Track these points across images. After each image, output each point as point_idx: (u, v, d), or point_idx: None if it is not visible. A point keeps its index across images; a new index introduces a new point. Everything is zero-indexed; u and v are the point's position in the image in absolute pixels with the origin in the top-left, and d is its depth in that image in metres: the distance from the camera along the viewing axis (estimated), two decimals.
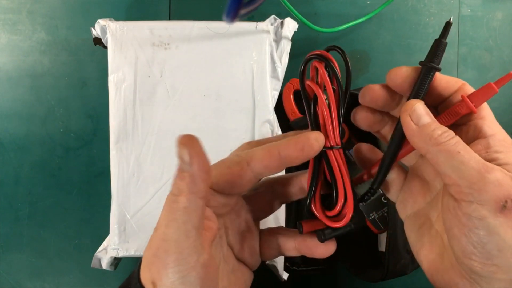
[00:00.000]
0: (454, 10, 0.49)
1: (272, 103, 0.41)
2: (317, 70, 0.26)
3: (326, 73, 0.25)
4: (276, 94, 0.42)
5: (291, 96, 0.43)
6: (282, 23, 0.41)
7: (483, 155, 0.23)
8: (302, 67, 0.26)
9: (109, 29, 0.41)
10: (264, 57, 0.41)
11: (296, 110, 0.43)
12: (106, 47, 0.42)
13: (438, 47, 0.25)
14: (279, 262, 0.43)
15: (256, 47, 0.41)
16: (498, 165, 0.22)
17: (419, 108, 0.24)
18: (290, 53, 0.42)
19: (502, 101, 0.49)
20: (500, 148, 0.23)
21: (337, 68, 0.25)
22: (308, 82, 0.26)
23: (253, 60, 0.41)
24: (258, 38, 0.41)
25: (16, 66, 0.49)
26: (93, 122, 0.49)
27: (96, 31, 0.42)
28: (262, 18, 0.42)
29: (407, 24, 0.49)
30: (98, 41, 0.42)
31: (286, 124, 0.43)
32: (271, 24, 0.41)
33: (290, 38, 0.42)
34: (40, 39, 0.49)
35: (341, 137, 0.34)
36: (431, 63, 0.25)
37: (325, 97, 0.26)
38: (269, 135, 0.41)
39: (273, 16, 0.42)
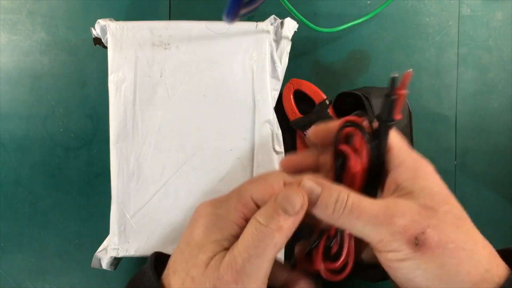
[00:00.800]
0: (454, 10, 0.49)
1: (272, 103, 0.41)
2: (350, 136, 0.25)
3: (364, 144, 0.24)
4: (276, 94, 0.42)
5: (291, 96, 0.43)
6: (282, 23, 0.41)
7: (392, 188, 0.23)
8: (339, 131, 0.26)
9: (109, 29, 0.41)
10: (264, 57, 0.41)
11: (296, 110, 0.43)
12: (106, 47, 0.42)
13: (386, 104, 0.23)
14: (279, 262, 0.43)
15: (256, 47, 0.41)
16: (406, 194, 0.22)
17: (306, 184, 0.23)
18: (290, 53, 0.42)
19: (502, 101, 0.49)
20: (408, 175, 0.23)
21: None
22: (343, 147, 0.25)
23: (253, 60, 0.41)
24: (258, 38, 0.41)
25: (16, 66, 0.49)
26: (93, 122, 0.49)
27: (96, 31, 0.42)
28: (262, 18, 0.42)
29: (407, 24, 0.49)
30: (98, 41, 0.42)
31: (286, 124, 0.43)
32: (271, 24, 0.41)
33: (290, 38, 0.42)
34: (40, 39, 0.49)
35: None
36: (385, 121, 0.23)
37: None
38: (269, 135, 0.41)
39: (273, 16, 0.42)
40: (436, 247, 0.21)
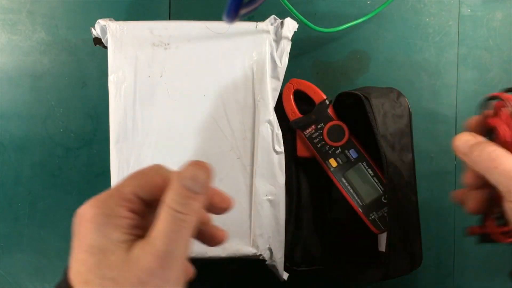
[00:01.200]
0: (454, 10, 0.49)
1: (272, 103, 0.41)
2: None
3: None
4: (276, 94, 0.42)
5: (291, 96, 0.43)
6: (282, 23, 0.42)
7: None
8: (486, 105, 0.30)
9: (109, 29, 0.41)
10: (264, 57, 0.41)
11: (296, 110, 0.43)
12: (106, 47, 0.42)
13: None
14: (279, 262, 0.43)
15: (256, 47, 0.41)
16: None
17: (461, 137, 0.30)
18: (290, 53, 0.42)
19: None
20: None
21: None
22: (492, 120, 0.29)
23: (253, 60, 0.41)
24: (258, 38, 0.41)
25: (16, 66, 0.49)
26: (93, 122, 0.49)
27: (96, 31, 0.42)
28: (262, 18, 0.42)
29: (407, 24, 0.49)
30: (98, 41, 0.42)
31: (286, 124, 0.43)
32: (271, 24, 0.41)
33: (290, 38, 0.42)
34: (40, 39, 0.49)
35: (342, 138, 0.40)
36: None
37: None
38: (269, 135, 0.41)
39: (273, 16, 0.42)
40: None
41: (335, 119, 0.42)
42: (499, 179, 0.26)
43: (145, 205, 0.23)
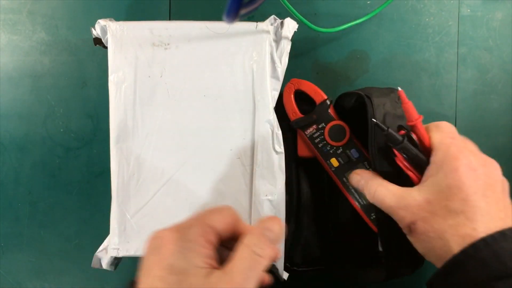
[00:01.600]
0: (454, 10, 0.49)
1: (272, 103, 0.41)
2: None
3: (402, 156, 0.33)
4: (276, 94, 0.42)
5: (292, 96, 0.43)
6: (282, 23, 0.42)
7: (425, 178, 0.31)
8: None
9: (109, 29, 0.41)
10: (264, 57, 0.41)
11: (297, 110, 0.43)
12: (106, 47, 0.42)
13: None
14: (279, 262, 0.43)
15: (256, 47, 0.41)
16: (425, 187, 0.30)
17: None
18: (290, 53, 0.42)
19: (501, 101, 0.49)
20: (432, 172, 0.30)
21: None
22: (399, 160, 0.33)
23: (253, 60, 0.41)
24: (258, 38, 0.41)
25: (16, 66, 0.49)
26: (93, 122, 0.49)
27: (96, 31, 0.42)
28: (262, 18, 0.42)
29: (407, 24, 0.49)
30: (98, 41, 0.42)
31: (286, 124, 0.43)
32: (271, 24, 0.41)
33: (290, 38, 0.42)
34: (40, 39, 0.49)
35: (344, 137, 0.41)
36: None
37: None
38: (269, 135, 0.41)
39: (273, 16, 0.42)
40: (420, 234, 0.29)
41: (336, 119, 0.42)
42: (390, 214, 0.31)
43: (219, 240, 0.27)
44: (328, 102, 0.42)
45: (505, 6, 0.50)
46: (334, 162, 0.41)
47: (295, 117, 0.43)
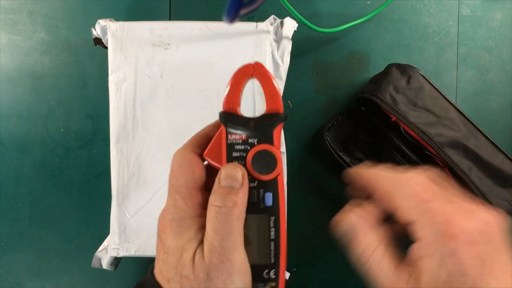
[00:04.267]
0: (454, 10, 0.49)
1: None
2: None
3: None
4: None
5: (244, 83, 0.31)
6: (281, 23, 0.42)
7: (416, 257, 0.24)
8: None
9: (110, 30, 0.41)
10: (264, 57, 0.41)
11: (238, 103, 0.30)
12: (106, 47, 0.42)
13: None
14: None
15: (256, 47, 0.41)
16: (415, 272, 0.24)
17: None
18: (290, 53, 0.42)
19: (501, 101, 0.49)
20: (422, 253, 0.24)
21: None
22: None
23: (254, 60, 0.41)
24: (258, 38, 0.41)
25: (17, 67, 0.49)
26: (93, 122, 0.49)
27: (96, 32, 0.42)
28: (262, 18, 0.42)
29: (406, 24, 0.49)
30: (98, 41, 0.43)
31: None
32: (271, 24, 0.42)
33: (291, 37, 0.42)
34: (41, 40, 0.49)
35: (268, 172, 0.28)
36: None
37: None
38: None
39: (273, 16, 0.42)
40: None
41: (275, 146, 0.29)
42: None
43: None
44: (279, 121, 0.29)
45: (505, 6, 0.50)
46: None
47: (231, 109, 0.29)
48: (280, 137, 0.29)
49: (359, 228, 0.26)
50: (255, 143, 0.28)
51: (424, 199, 0.24)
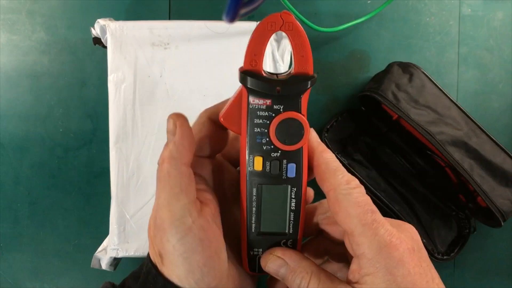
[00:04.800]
0: (455, 9, 0.49)
1: None
2: None
3: None
4: None
5: (270, 36, 0.28)
6: None
7: (356, 277, 0.23)
8: None
9: (109, 29, 0.41)
10: (264, 56, 0.41)
11: (261, 61, 0.26)
12: (105, 47, 0.42)
13: None
14: None
15: None
16: None
17: None
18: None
19: (502, 101, 0.49)
20: (368, 270, 0.22)
21: None
22: None
23: None
24: None
25: (16, 66, 0.49)
26: (93, 122, 0.49)
27: (95, 31, 0.41)
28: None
29: (407, 24, 0.49)
30: (97, 41, 0.42)
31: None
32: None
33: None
34: (40, 39, 0.49)
35: (293, 142, 0.26)
36: None
37: None
38: None
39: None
40: None
41: (303, 114, 0.26)
42: None
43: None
44: (309, 84, 0.25)
45: (506, 6, 0.49)
46: (258, 163, 0.26)
47: (253, 69, 0.25)
48: (307, 102, 0.26)
49: (288, 261, 0.25)
50: (281, 110, 0.25)
51: (372, 209, 0.23)
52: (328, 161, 0.24)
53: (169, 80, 0.41)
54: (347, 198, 0.23)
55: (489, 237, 0.49)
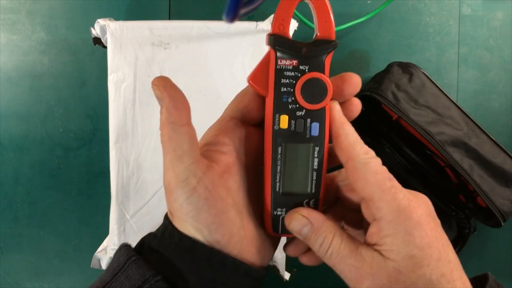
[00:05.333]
0: (455, 10, 0.49)
1: None
2: None
3: None
4: None
5: (296, 2, 0.29)
6: None
7: (375, 239, 0.24)
8: None
9: (109, 29, 0.41)
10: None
11: (289, 24, 0.30)
12: (105, 47, 0.42)
13: None
14: (280, 262, 0.43)
15: (256, 47, 0.41)
16: (386, 251, 0.23)
17: None
18: None
19: (502, 101, 0.49)
20: (388, 232, 0.23)
21: None
22: None
23: (253, 59, 0.41)
24: (258, 38, 0.41)
25: (16, 66, 0.49)
26: (93, 122, 0.49)
27: (95, 31, 0.41)
28: (262, 18, 0.42)
29: (407, 24, 0.49)
30: (97, 41, 0.42)
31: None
32: (271, 24, 0.41)
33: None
34: (40, 39, 0.49)
35: (317, 101, 0.28)
36: None
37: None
38: None
39: (273, 15, 0.41)
40: None
41: (325, 74, 0.28)
42: (341, 274, 0.24)
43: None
44: (331, 48, 0.28)
45: (505, 6, 0.49)
46: (284, 121, 0.28)
47: (281, 32, 0.28)
48: (329, 65, 0.28)
49: (312, 221, 0.25)
50: (306, 70, 0.27)
51: (390, 177, 0.24)
52: (347, 132, 0.25)
53: None
54: (365, 167, 0.24)
55: (489, 237, 0.49)
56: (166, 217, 0.25)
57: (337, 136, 0.25)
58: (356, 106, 0.27)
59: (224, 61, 0.41)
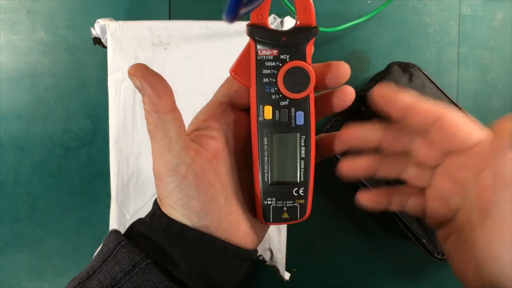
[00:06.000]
0: (455, 9, 0.49)
1: None
2: None
3: None
4: None
5: None
6: (282, 22, 0.41)
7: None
8: None
9: (109, 29, 0.41)
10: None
11: (267, 14, 0.28)
12: (105, 47, 0.42)
13: None
14: (280, 262, 0.43)
15: None
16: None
17: None
18: None
19: (502, 101, 0.49)
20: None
21: None
22: None
23: None
24: None
25: (16, 66, 0.49)
26: (93, 122, 0.49)
27: (95, 31, 0.41)
28: None
29: (407, 24, 0.49)
30: (97, 41, 0.42)
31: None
32: (271, 24, 0.41)
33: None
34: (40, 39, 0.49)
35: (300, 90, 0.27)
36: None
37: None
38: None
39: (273, 15, 0.41)
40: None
41: (308, 62, 0.28)
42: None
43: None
44: (312, 35, 0.27)
45: (506, 6, 0.49)
46: (268, 112, 0.27)
47: (260, 22, 0.27)
48: (311, 53, 0.28)
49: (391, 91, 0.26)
50: (287, 59, 0.27)
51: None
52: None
53: (169, 80, 0.41)
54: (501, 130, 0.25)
55: None
56: (155, 203, 0.25)
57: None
58: (350, 94, 0.28)
59: (224, 61, 0.41)
